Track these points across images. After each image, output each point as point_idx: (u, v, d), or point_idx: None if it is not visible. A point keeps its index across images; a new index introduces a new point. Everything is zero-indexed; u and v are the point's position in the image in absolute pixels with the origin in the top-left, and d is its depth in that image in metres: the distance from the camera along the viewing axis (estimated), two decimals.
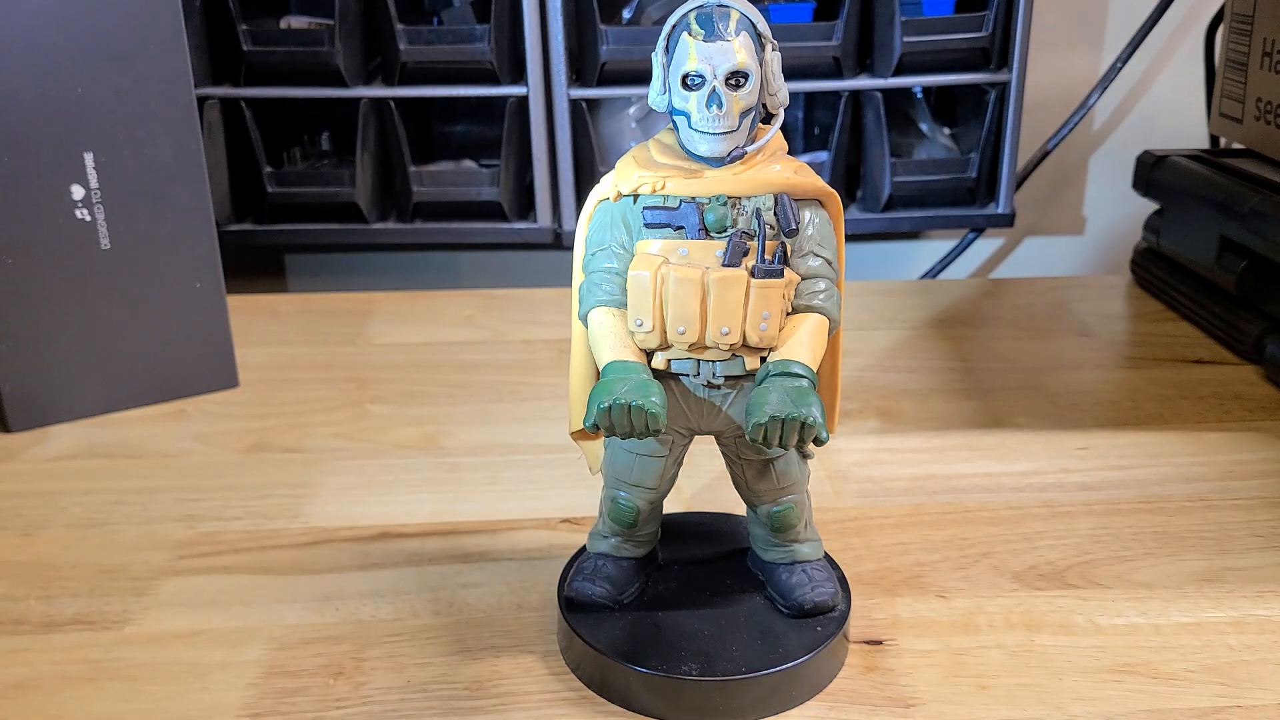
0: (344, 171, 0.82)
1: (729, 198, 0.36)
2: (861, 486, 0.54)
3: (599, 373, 0.37)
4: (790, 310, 0.37)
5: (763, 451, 0.39)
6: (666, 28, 0.36)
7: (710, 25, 0.35)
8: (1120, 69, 0.87)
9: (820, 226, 0.37)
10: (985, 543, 0.49)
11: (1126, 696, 0.39)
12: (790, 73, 0.37)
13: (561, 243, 0.85)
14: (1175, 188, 0.75)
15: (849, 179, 0.86)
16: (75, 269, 0.59)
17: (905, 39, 0.78)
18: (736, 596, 0.42)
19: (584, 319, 0.38)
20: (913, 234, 0.96)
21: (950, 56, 0.81)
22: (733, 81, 0.35)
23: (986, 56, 0.80)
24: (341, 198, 0.82)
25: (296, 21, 0.82)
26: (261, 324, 0.75)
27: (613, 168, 0.38)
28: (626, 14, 0.83)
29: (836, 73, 0.80)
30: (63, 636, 0.43)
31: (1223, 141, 0.79)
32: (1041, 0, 0.81)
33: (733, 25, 0.35)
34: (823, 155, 0.83)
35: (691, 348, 0.37)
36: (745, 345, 0.37)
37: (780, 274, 0.36)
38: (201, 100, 0.77)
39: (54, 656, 0.42)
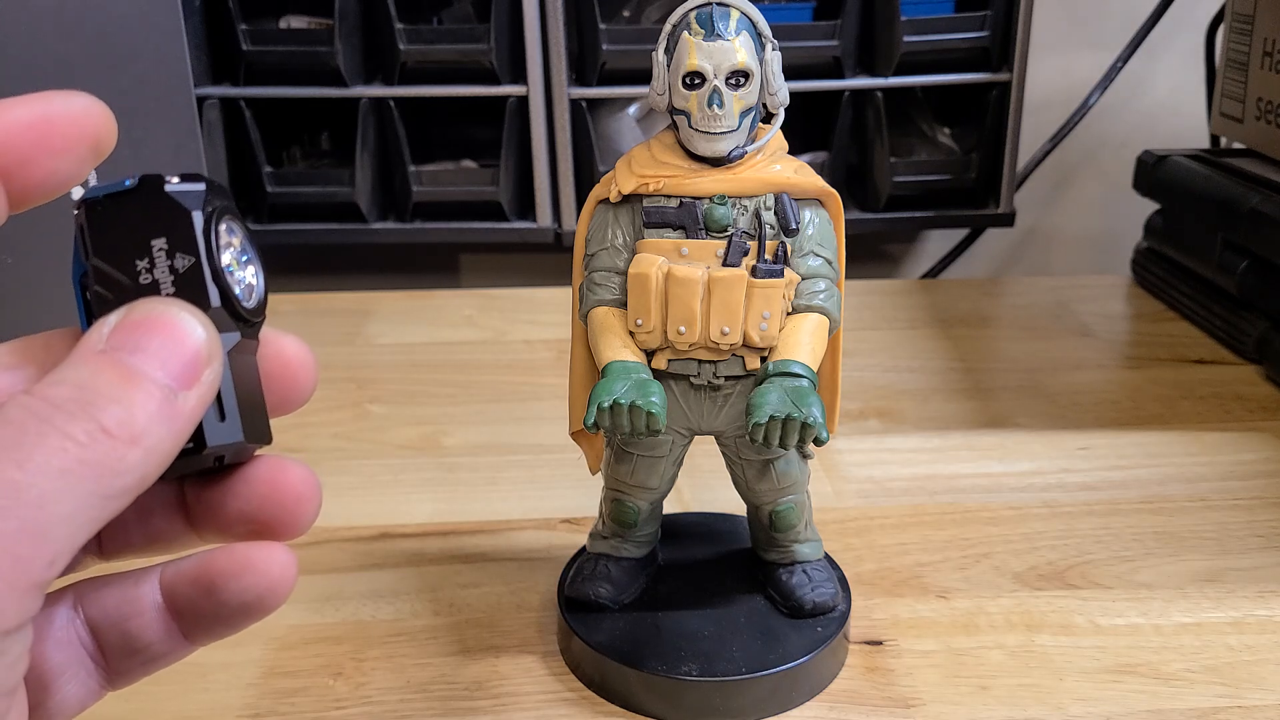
0: (344, 171, 0.82)
1: (729, 197, 0.36)
2: (861, 486, 0.54)
3: (599, 372, 0.37)
4: (790, 310, 0.37)
5: (763, 451, 0.39)
6: (667, 27, 0.36)
7: (710, 25, 0.35)
8: (1120, 69, 0.87)
9: (820, 226, 0.37)
10: (986, 543, 0.49)
11: (1127, 697, 0.39)
12: (790, 73, 0.37)
13: (561, 243, 0.85)
14: (1175, 188, 0.75)
15: (849, 179, 0.86)
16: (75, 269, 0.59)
17: (905, 39, 0.78)
18: (736, 596, 0.42)
19: (584, 318, 0.38)
20: (913, 234, 0.96)
21: (950, 56, 0.81)
22: (733, 81, 0.35)
23: (986, 56, 0.80)
24: (341, 198, 0.82)
25: (296, 21, 0.82)
26: None
27: (613, 168, 0.38)
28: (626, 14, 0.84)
29: (836, 73, 0.80)
30: None
31: (1223, 141, 0.79)
32: (1041, 0, 0.81)
33: (733, 24, 0.35)
34: (823, 155, 0.83)
35: (692, 347, 0.37)
36: (745, 345, 0.37)
37: (780, 274, 0.36)
38: (201, 100, 0.77)
39: None
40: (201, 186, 0.23)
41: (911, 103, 0.86)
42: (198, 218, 0.23)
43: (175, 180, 0.23)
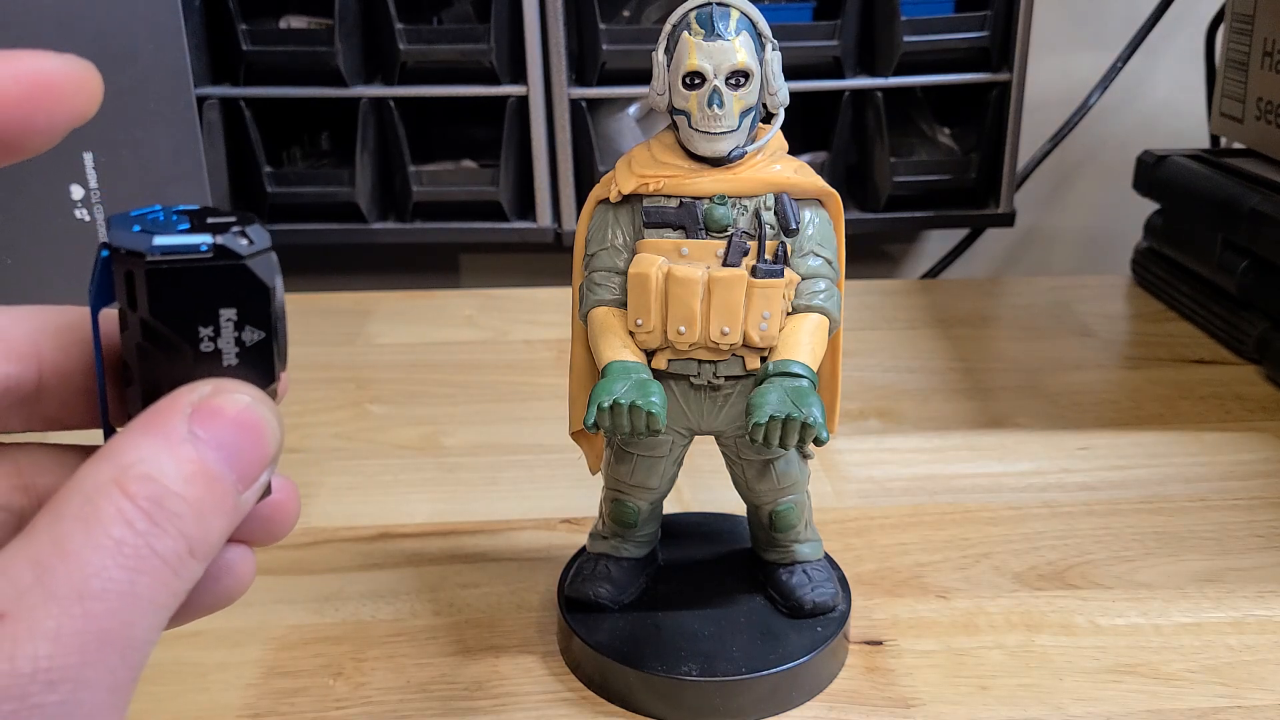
0: (344, 171, 0.82)
1: (729, 197, 0.36)
2: (861, 487, 0.54)
3: (599, 372, 0.37)
4: (790, 310, 0.37)
5: (763, 451, 0.39)
6: (667, 27, 0.36)
7: (710, 24, 0.35)
8: (1120, 69, 0.87)
9: (820, 226, 0.37)
10: (986, 543, 0.49)
11: (1127, 697, 0.39)
12: (790, 73, 0.37)
13: (561, 243, 0.85)
14: (1175, 188, 0.75)
15: (849, 179, 0.86)
16: (75, 269, 0.59)
17: (905, 39, 0.78)
18: (736, 596, 0.42)
19: (584, 318, 0.38)
20: (913, 234, 0.96)
21: (950, 56, 0.81)
22: (733, 81, 0.35)
23: (986, 56, 0.80)
24: (341, 198, 0.82)
25: (296, 21, 0.82)
26: None
27: (613, 168, 0.38)
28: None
29: (837, 73, 0.80)
30: None
31: (1223, 141, 0.79)
32: (1041, 0, 0.81)
33: (733, 24, 0.35)
34: (823, 155, 0.83)
35: (692, 347, 0.37)
36: (745, 345, 0.37)
37: (780, 274, 0.36)
38: (201, 100, 0.77)
39: None
40: (271, 252, 0.22)
41: (911, 103, 0.86)
42: (277, 295, 0.22)
43: (242, 241, 0.22)
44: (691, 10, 0.36)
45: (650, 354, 0.37)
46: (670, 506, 0.44)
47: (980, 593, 0.45)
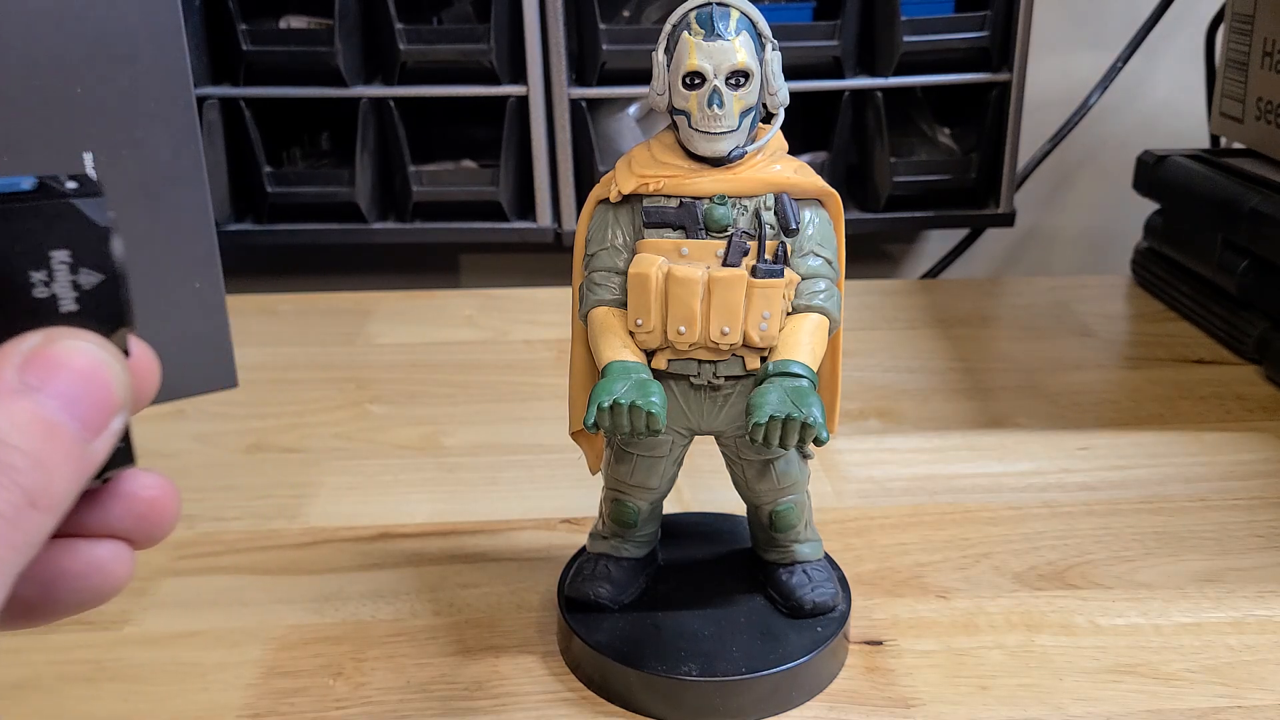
0: (344, 171, 0.82)
1: (729, 197, 0.36)
2: (861, 487, 0.54)
3: (599, 372, 0.37)
4: (790, 310, 0.37)
5: (763, 451, 0.39)
6: (667, 27, 0.36)
7: (710, 25, 0.35)
8: (1120, 69, 0.87)
9: (820, 226, 0.37)
10: (986, 543, 0.49)
11: (1127, 697, 0.39)
12: (790, 73, 0.37)
13: (561, 243, 0.85)
14: (1175, 188, 0.75)
15: (849, 179, 0.86)
16: None
17: (905, 39, 0.78)
18: (736, 596, 0.42)
19: (584, 318, 0.38)
20: (913, 234, 0.96)
21: (950, 56, 0.81)
22: (733, 81, 0.35)
23: (986, 56, 0.80)
24: (341, 198, 0.82)
25: (296, 21, 0.82)
26: (261, 324, 0.75)
27: (613, 168, 0.38)
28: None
29: (837, 73, 0.80)
30: (62, 637, 0.43)
31: (1223, 141, 0.79)
32: (1041, 0, 0.82)
33: (733, 24, 0.35)
34: (823, 155, 0.83)
35: (692, 347, 0.37)
36: (745, 345, 0.37)
37: (780, 274, 0.36)
38: (201, 100, 0.77)
39: (53, 657, 0.42)
40: (103, 197, 0.22)
41: (911, 103, 0.86)
42: (114, 236, 0.22)
43: (70, 184, 0.22)
44: (691, 10, 0.36)
45: (650, 354, 0.37)
46: (670, 506, 0.44)
47: (980, 593, 0.45)
